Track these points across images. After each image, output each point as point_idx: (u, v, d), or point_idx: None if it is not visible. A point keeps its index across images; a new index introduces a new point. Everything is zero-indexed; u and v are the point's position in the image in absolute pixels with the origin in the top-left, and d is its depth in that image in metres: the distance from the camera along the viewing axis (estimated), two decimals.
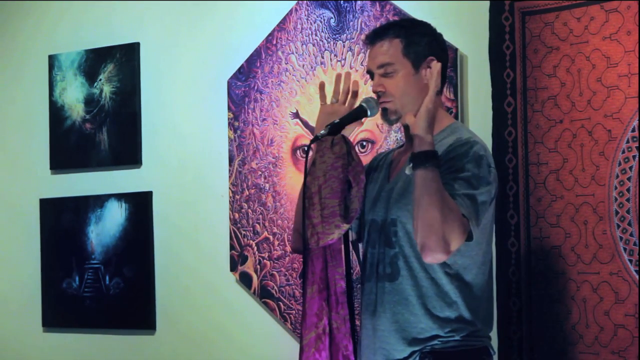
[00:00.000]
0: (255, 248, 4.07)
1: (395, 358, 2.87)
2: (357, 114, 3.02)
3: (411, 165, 2.75)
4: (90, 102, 4.50)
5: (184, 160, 4.30)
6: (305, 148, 3.05)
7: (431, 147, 2.74)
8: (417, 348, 2.85)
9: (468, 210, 2.75)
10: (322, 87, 3.15)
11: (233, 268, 4.13)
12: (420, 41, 2.93)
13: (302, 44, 3.98)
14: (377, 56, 2.95)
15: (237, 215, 4.12)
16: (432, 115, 2.76)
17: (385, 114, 2.96)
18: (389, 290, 2.90)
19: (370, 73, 2.99)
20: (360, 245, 3.10)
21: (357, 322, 3.03)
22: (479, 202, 2.78)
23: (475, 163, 2.81)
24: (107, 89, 4.46)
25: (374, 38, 2.97)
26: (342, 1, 3.88)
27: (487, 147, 2.96)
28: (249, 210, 4.09)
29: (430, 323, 2.85)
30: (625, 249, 3.24)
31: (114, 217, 4.41)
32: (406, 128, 3.01)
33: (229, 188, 4.14)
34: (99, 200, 4.45)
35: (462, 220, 2.73)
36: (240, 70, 4.13)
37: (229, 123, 4.15)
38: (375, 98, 3.01)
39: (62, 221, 4.56)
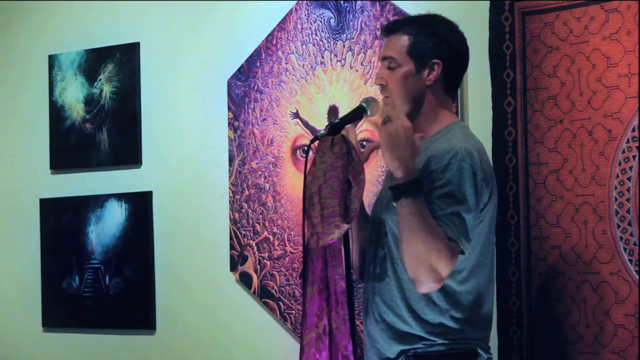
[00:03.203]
0: (255, 248, 4.07)
1: (385, 356, 2.88)
2: (357, 114, 3.02)
3: None
4: (90, 102, 4.50)
5: (184, 160, 4.30)
6: (305, 148, 3.04)
7: (403, 179, 2.69)
8: (405, 347, 2.84)
9: (455, 231, 2.72)
10: None
11: (233, 268, 4.13)
12: (427, 42, 2.91)
13: (302, 44, 3.98)
14: (385, 48, 2.96)
15: (237, 215, 4.11)
16: (396, 146, 2.68)
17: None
18: (377, 290, 2.91)
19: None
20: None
21: (357, 322, 3.03)
22: (465, 218, 2.74)
23: (457, 174, 2.76)
24: (107, 89, 4.46)
25: (387, 31, 2.98)
26: (342, 1, 3.88)
27: (482, 149, 2.89)
28: (249, 210, 4.09)
29: (414, 324, 2.84)
30: (625, 249, 3.24)
31: (114, 217, 4.41)
32: None
33: (229, 188, 4.14)
34: (99, 200, 4.45)
35: (449, 246, 2.70)
36: (240, 70, 4.13)
37: (229, 123, 4.15)
38: (376, 98, 3.02)
39: (62, 221, 4.56)
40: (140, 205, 4.36)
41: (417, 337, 2.84)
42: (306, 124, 3.97)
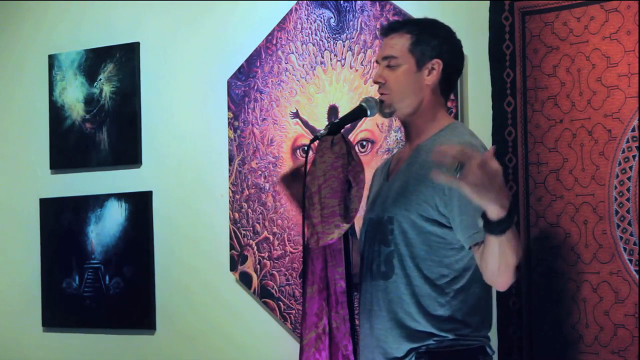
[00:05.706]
0: (255, 248, 4.07)
1: (393, 356, 2.88)
2: (357, 114, 3.03)
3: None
4: (90, 102, 4.50)
5: (184, 160, 4.30)
6: (305, 148, 3.05)
7: (505, 214, 2.58)
8: (414, 345, 2.85)
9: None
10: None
11: (233, 268, 4.13)
12: (429, 41, 2.95)
13: (302, 44, 3.98)
14: (385, 48, 2.97)
15: (237, 215, 4.11)
16: (490, 190, 2.54)
17: (380, 106, 2.97)
18: (383, 289, 2.90)
19: (378, 63, 3.00)
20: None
21: (357, 322, 3.03)
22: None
23: None
24: (107, 89, 4.46)
25: (388, 30, 3.00)
26: (342, 1, 3.88)
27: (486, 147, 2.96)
28: (249, 210, 4.09)
29: (424, 321, 2.85)
30: (625, 249, 3.24)
31: (114, 217, 4.41)
32: (405, 127, 3.02)
33: (229, 188, 4.14)
34: (99, 200, 4.45)
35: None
36: (240, 70, 4.13)
37: (229, 123, 4.15)
38: (376, 98, 3.02)
39: (62, 221, 4.55)
40: (140, 205, 4.36)
41: (427, 333, 2.85)
42: (306, 124, 3.98)
